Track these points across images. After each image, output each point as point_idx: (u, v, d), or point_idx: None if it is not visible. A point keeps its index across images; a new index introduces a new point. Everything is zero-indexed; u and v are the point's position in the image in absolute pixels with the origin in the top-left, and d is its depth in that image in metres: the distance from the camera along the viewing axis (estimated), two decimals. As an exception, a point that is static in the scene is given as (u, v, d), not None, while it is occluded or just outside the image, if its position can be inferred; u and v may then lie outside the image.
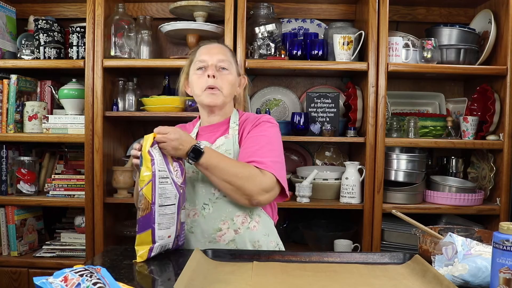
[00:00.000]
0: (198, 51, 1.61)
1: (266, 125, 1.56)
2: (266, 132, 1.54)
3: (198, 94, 1.57)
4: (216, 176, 1.42)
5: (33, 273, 2.29)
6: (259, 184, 1.43)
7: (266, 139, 1.52)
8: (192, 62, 1.61)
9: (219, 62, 1.56)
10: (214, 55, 1.57)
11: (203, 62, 1.56)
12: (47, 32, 2.38)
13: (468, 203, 2.30)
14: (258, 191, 1.43)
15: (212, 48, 1.60)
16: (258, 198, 1.44)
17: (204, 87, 1.54)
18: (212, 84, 1.53)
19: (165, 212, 1.33)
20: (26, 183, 2.39)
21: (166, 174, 1.34)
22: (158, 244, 1.33)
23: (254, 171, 1.44)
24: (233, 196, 1.45)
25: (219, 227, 1.51)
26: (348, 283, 1.14)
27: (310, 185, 2.33)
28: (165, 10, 2.59)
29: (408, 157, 2.34)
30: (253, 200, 1.44)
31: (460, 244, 1.19)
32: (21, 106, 2.42)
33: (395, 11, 2.61)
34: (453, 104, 2.66)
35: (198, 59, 1.58)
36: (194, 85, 1.58)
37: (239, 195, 1.43)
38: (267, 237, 1.56)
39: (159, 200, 1.32)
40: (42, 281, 0.95)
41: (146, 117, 2.39)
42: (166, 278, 1.20)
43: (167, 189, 1.34)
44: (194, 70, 1.59)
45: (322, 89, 2.66)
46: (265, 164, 1.45)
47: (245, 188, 1.42)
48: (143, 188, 1.31)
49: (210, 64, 1.55)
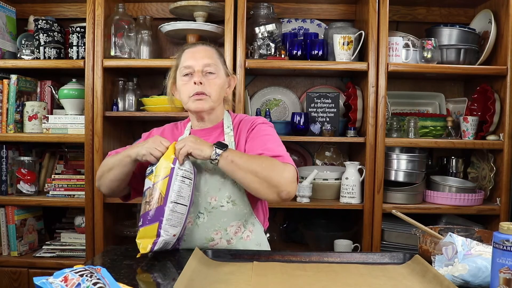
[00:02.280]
0: (183, 55, 1.56)
1: (264, 126, 1.55)
2: (267, 131, 1.54)
3: (185, 101, 1.54)
4: (241, 169, 1.38)
5: (33, 273, 2.29)
6: (284, 173, 1.39)
7: (270, 138, 1.51)
8: (178, 68, 1.56)
9: (205, 67, 1.52)
10: (200, 59, 1.52)
11: (188, 68, 1.52)
12: (47, 32, 2.38)
13: (468, 203, 2.30)
14: (285, 181, 1.38)
15: (197, 52, 1.55)
16: (287, 188, 1.38)
17: (191, 93, 1.51)
18: (199, 91, 1.50)
19: (176, 209, 1.34)
20: (26, 183, 2.39)
21: (187, 175, 1.36)
22: (162, 238, 1.32)
23: (275, 161, 1.40)
24: (260, 190, 1.39)
25: (212, 237, 1.50)
26: (348, 283, 1.14)
27: (310, 185, 2.33)
28: (165, 10, 2.59)
29: (408, 157, 2.34)
30: (282, 191, 1.38)
31: (460, 244, 1.19)
32: (21, 106, 2.42)
33: (395, 11, 2.61)
34: (453, 104, 2.66)
35: (184, 64, 1.53)
36: (181, 92, 1.56)
37: (266, 187, 1.38)
38: (258, 247, 1.56)
39: (173, 195, 1.33)
40: (42, 281, 0.95)
41: (146, 117, 2.39)
42: (167, 278, 1.20)
43: (183, 189, 1.35)
44: (180, 76, 1.55)
45: (322, 89, 2.66)
46: (282, 157, 1.43)
47: (272, 179, 1.37)
48: (157, 182, 1.33)
49: (196, 70, 1.51)
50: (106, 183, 1.54)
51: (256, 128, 1.54)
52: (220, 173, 1.49)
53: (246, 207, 1.52)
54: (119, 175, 1.49)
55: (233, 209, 1.50)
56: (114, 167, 1.49)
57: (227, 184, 1.49)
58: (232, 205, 1.50)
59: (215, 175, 1.50)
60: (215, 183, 1.50)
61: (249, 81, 2.69)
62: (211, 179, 1.50)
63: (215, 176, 1.50)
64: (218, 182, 1.50)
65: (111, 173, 1.50)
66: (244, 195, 1.51)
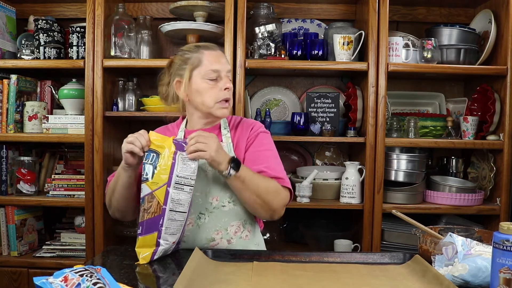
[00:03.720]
0: (204, 57, 1.52)
1: (265, 136, 1.58)
2: (269, 146, 1.56)
3: (209, 106, 1.51)
4: (250, 190, 1.42)
5: (33, 273, 2.29)
6: (282, 200, 1.48)
7: (271, 154, 1.55)
8: (196, 67, 1.51)
9: (228, 73, 1.55)
10: (224, 64, 1.54)
11: (216, 72, 1.51)
12: (47, 32, 2.37)
13: (468, 203, 2.30)
14: (281, 206, 1.49)
15: (221, 57, 1.55)
16: (281, 212, 1.50)
17: (219, 99, 1.51)
18: (228, 97, 1.53)
19: (175, 218, 1.32)
20: (26, 183, 2.38)
21: (184, 181, 1.33)
22: (162, 248, 1.32)
23: (278, 186, 1.48)
24: (258, 210, 1.48)
25: (212, 237, 1.50)
26: (348, 283, 1.14)
27: (310, 185, 2.33)
28: (165, 10, 2.59)
29: (408, 157, 2.34)
30: (276, 215, 1.49)
31: (460, 244, 1.19)
32: (21, 106, 2.42)
33: (395, 11, 2.61)
34: (453, 104, 2.66)
35: (211, 68, 1.50)
36: (204, 95, 1.51)
37: (264, 210, 1.46)
38: (257, 246, 1.57)
39: (171, 204, 1.31)
40: (42, 281, 0.95)
41: (146, 117, 2.39)
42: (166, 278, 1.20)
43: (182, 196, 1.33)
44: (203, 79, 1.50)
45: (322, 89, 2.66)
46: (282, 180, 1.49)
47: (273, 204, 1.45)
48: (155, 190, 1.30)
49: (223, 75, 1.52)
50: (115, 206, 1.53)
51: (258, 139, 1.56)
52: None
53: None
54: (122, 191, 1.48)
55: (234, 208, 1.51)
56: (116, 185, 1.49)
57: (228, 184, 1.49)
58: (233, 205, 1.51)
59: (216, 175, 1.50)
60: (217, 183, 1.50)
61: (249, 81, 2.69)
62: (212, 179, 1.51)
63: (216, 176, 1.50)
64: (219, 182, 1.50)
65: (116, 193, 1.50)
66: None
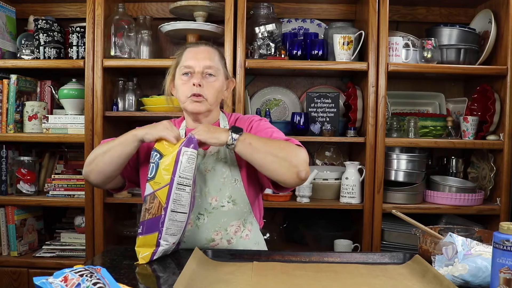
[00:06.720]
0: (185, 53, 1.53)
1: (263, 121, 1.55)
2: (268, 125, 1.53)
3: (182, 101, 1.52)
4: (260, 150, 1.36)
5: (33, 273, 2.29)
6: (300, 154, 1.38)
7: (274, 129, 1.51)
8: (178, 65, 1.54)
9: (205, 69, 1.50)
10: (201, 60, 1.50)
11: (189, 68, 1.50)
12: (47, 32, 2.37)
13: (468, 203, 2.30)
14: (302, 161, 1.36)
15: (199, 53, 1.52)
16: (306, 168, 1.36)
17: (188, 94, 1.49)
18: (196, 92, 1.49)
19: (176, 218, 1.32)
20: (26, 183, 2.38)
21: (186, 182, 1.32)
22: (162, 248, 1.32)
23: (290, 144, 1.40)
24: (280, 170, 1.36)
25: (212, 238, 1.50)
26: (348, 283, 1.14)
27: (310, 185, 2.33)
28: (165, 10, 2.59)
29: (408, 157, 2.34)
30: (301, 170, 1.35)
31: (460, 244, 1.19)
32: (21, 106, 2.42)
33: (395, 11, 2.61)
34: (453, 104, 2.66)
35: (184, 64, 1.51)
36: (178, 91, 1.53)
37: (286, 168, 1.35)
38: (257, 245, 1.56)
39: (172, 205, 1.30)
40: (42, 281, 0.95)
41: (146, 117, 2.39)
42: (166, 278, 1.20)
43: (183, 197, 1.32)
44: (179, 75, 1.52)
45: (322, 89, 2.66)
46: (291, 140, 1.42)
47: (291, 159, 1.35)
48: (157, 190, 1.30)
49: (196, 71, 1.49)
50: (99, 168, 1.45)
51: (255, 124, 1.54)
52: (220, 173, 1.49)
53: (246, 206, 1.52)
54: (117, 158, 1.42)
55: (233, 208, 1.50)
56: (113, 148, 1.42)
57: (227, 184, 1.49)
58: (233, 204, 1.50)
59: (215, 175, 1.49)
60: (216, 183, 1.50)
61: (249, 81, 2.69)
62: (211, 179, 1.50)
63: (215, 176, 1.50)
64: (218, 182, 1.50)
65: (107, 155, 1.43)
66: (244, 194, 1.51)
